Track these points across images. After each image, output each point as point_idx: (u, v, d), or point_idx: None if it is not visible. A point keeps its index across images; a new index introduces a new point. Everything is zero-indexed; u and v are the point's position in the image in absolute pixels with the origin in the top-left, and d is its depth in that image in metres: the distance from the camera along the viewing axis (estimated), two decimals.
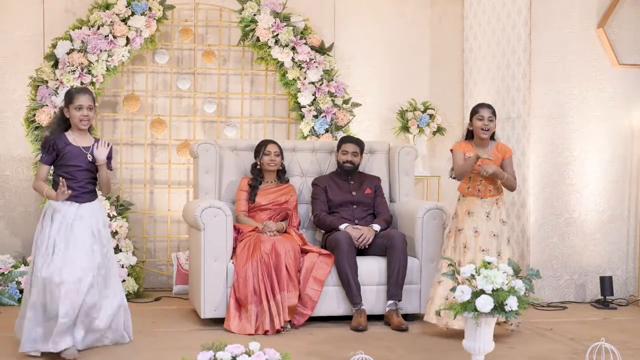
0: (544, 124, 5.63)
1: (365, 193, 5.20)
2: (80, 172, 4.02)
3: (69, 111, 4.01)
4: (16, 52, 5.87)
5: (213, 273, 4.69)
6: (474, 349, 3.57)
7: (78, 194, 3.99)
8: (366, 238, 4.94)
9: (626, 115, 5.78)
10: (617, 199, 5.76)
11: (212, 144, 5.23)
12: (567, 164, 5.67)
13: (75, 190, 3.96)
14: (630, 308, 5.54)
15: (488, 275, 3.50)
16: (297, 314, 4.70)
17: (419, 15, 6.58)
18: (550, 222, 5.62)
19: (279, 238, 4.77)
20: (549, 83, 5.63)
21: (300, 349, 4.13)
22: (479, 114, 4.58)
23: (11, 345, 4.13)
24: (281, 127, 6.33)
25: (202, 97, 6.17)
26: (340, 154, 5.21)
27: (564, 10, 5.65)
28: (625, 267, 5.78)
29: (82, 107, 3.98)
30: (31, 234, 5.85)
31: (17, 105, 5.83)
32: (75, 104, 3.98)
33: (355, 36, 6.44)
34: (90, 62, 5.63)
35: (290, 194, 5.18)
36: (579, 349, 4.22)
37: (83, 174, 4.03)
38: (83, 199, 4.02)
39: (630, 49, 5.77)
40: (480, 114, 4.57)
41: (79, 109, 3.98)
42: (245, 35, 5.99)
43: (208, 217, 4.67)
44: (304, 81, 5.99)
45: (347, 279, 4.75)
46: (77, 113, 3.98)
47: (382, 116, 6.46)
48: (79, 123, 3.99)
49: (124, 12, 5.69)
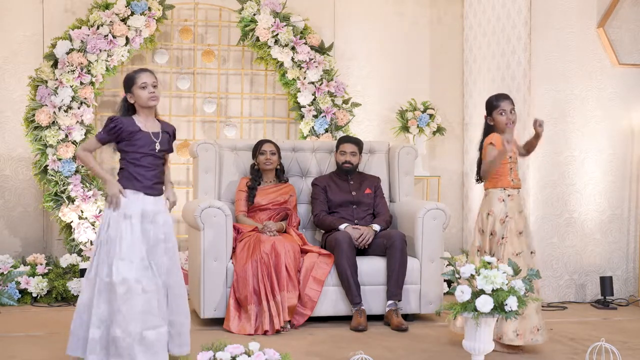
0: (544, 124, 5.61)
1: (365, 193, 5.20)
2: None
3: (134, 94, 3.64)
4: (16, 52, 5.87)
5: (213, 273, 4.68)
6: (474, 349, 3.57)
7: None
8: (366, 238, 4.93)
9: (626, 115, 5.77)
10: (617, 199, 5.75)
11: (211, 144, 5.23)
12: (567, 164, 5.66)
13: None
14: (631, 308, 5.54)
15: (488, 275, 3.50)
16: (297, 314, 4.70)
17: (418, 15, 6.57)
18: (550, 222, 5.62)
19: (279, 238, 4.76)
20: (549, 83, 5.63)
21: (300, 349, 4.13)
22: (501, 107, 4.22)
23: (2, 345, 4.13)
24: (281, 127, 6.33)
25: (202, 97, 6.17)
26: (339, 154, 5.20)
27: (564, 10, 5.65)
28: (625, 267, 5.78)
29: (147, 85, 3.61)
30: (30, 234, 5.89)
31: (16, 105, 5.82)
32: (139, 84, 3.61)
33: (355, 36, 6.43)
34: (90, 61, 5.63)
35: (290, 194, 5.17)
36: (579, 349, 4.21)
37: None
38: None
39: (630, 49, 5.76)
40: (502, 108, 4.22)
41: (144, 88, 3.62)
42: (245, 35, 5.99)
43: (208, 217, 4.66)
44: (303, 81, 5.98)
45: (347, 279, 4.75)
46: (144, 92, 3.61)
47: (382, 116, 6.46)
48: (148, 101, 3.62)
49: (124, 11, 5.69)
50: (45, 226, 5.91)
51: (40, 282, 5.40)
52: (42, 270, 5.47)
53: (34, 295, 5.39)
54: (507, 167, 4.21)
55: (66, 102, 5.57)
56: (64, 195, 5.58)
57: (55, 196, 5.59)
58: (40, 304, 5.37)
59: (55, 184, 5.57)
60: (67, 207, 5.58)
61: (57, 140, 5.56)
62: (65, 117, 5.57)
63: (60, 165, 5.57)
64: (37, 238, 5.89)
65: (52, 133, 5.54)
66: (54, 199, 5.59)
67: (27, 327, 4.62)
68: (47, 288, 5.41)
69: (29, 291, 5.39)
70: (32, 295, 5.39)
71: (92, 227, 5.58)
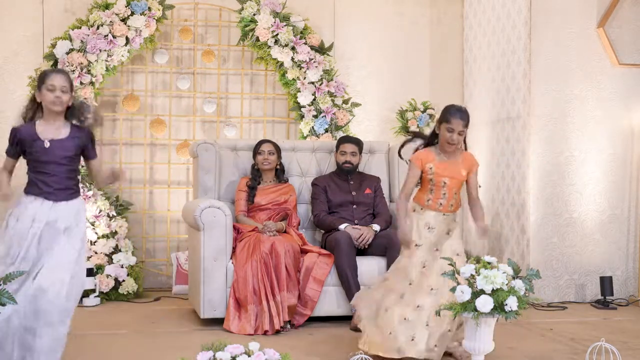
0: (544, 124, 5.62)
1: (365, 193, 5.20)
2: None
3: (41, 93, 3.46)
4: (16, 52, 5.87)
5: (213, 273, 4.68)
6: (474, 349, 3.57)
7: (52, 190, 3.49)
8: (366, 238, 4.93)
9: (626, 115, 5.77)
10: (617, 199, 5.75)
11: (211, 143, 5.23)
12: (567, 164, 5.66)
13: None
14: (631, 308, 5.53)
15: (488, 275, 3.49)
16: (297, 314, 4.70)
17: (418, 15, 6.57)
18: (550, 222, 5.62)
19: (279, 238, 4.76)
20: (549, 83, 5.63)
21: (300, 349, 4.13)
22: (450, 123, 3.82)
23: None
24: (281, 127, 6.33)
25: (202, 97, 6.17)
26: (339, 154, 5.20)
27: (564, 10, 5.65)
28: (625, 267, 5.78)
29: (54, 88, 3.42)
30: None
31: (16, 105, 5.80)
32: (47, 84, 3.43)
33: (355, 36, 6.43)
34: (90, 61, 5.63)
35: (290, 194, 5.17)
36: (579, 349, 4.21)
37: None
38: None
39: (630, 49, 5.76)
40: (451, 125, 3.81)
41: (51, 90, 3.43)
42: (244, 35, 5.99)
43: (207, 217, 4.66)
44: (303, 81, 5.98)
45: (347, 279, 4.75)
46: (50, 95, 3.43)
47: (382, 116, 6.46)
48: (50, 105, 3.43)
49: (124, 11, 5.69)
50: None
51: None
52: None
53: None
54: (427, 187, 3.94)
55: None
56: None
57: None
58: None
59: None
60: None
61: None
62: None
63: None
64: None
65: None
66: None
67: None
68: None
69: None
70: None
71: (91, 227, 5.57)
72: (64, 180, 3.52)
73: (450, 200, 3.95)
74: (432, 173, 3.90)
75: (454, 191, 3.96)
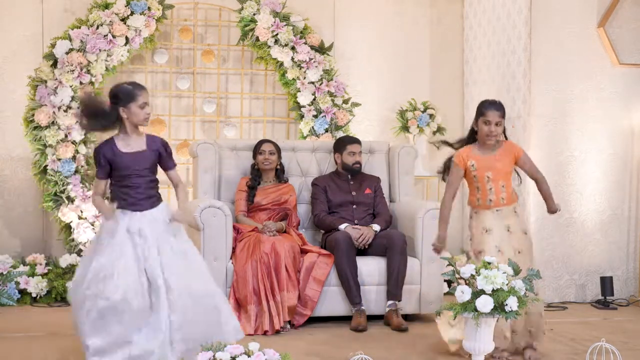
0: (544, 123, 5.62)
1: (365, 193, 5.19)
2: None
3: (130, 111, 3.56)
4: (15, 52, 5.86)
5: (213, 273, 4.65)
6: (474, 349, 3.57)
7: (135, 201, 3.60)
8: (366, 238, 4.93)
9: (626, 115, 5.77)
10: (617, 199, 5.75)
11: (211, 143, 5.23)
12: (567, 164, 5.66)
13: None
14: (631, 308, 5.53)
15: (488, 275, 3.49)
16: (297, 314, 4.69)
17: (418, 15, 6.57)
18: (550, 222, 5.61)
19: (279, 238, 4.76)
20: (549, 83, 5.63)
21: (300, 349, 4.13)
22: (486, 116, 3.91)
23: None
24: (281, 127, 6.32)
25: (202, 96, 6.17)
26: (347, 155, 5.18)
27: (564, 10, 5.65)
28: (625, 267, 5.78)
29: (146, 105, 3.58)
30: (30, 234, 5.88)
31: (16, 104, 5.81)
32: (139, 102, 3.56)
33: (355, 36, 6.43)
34: (90, 61, 5.63)
35: (290, 194, 5.17)
36: (579, 349, 4.21)
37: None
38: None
39: (631, 48, 5.76)
40: (487, 117, 3.91)
41: (143, 108, 3.57)
42: (244, 35, 5.99)
43: (207, 217, 4.66)
44: (303, 81, 5.98)
45: (347, 279, 4.75)
46: (142, 111, 3.57)
47: (382, 116, 6.45)
48: (144, 121, 3.59)
49: (123, 11, 5.68)
50: (45, 226, 5.90)
51: (40, 282, 5.39)
52: (41, 270, 5.47)
53: (33, 295, 5.39)
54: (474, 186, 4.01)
55: (66, 102, 5.57)
56: (64, 195, 5.57)
57: (54, 196, 5.58)
58: (40, 304, 5.37)
59: (54, 184, 5.57)
60: (66, 207, 5.57)
61: (57, 140, 5.56)
62: (65, 117, 5.56)
63: (59, 165, 5.57)
64: (37, 238, 5.88)
65: (52, 133, 5.54)
66: (53, 199, 5.59)
67: (26, 328, 4.61)
68: (47, 288, 5.41)
69: (28, 291, 5.38)
70: (32, 295, 5.39)
71: (91, 227, 5.57)
72: (146, 190, 3.61)
73: (499, 194, 3.97)
74: (475, 169, 3.95)
75: (500, 184, 3.97)
